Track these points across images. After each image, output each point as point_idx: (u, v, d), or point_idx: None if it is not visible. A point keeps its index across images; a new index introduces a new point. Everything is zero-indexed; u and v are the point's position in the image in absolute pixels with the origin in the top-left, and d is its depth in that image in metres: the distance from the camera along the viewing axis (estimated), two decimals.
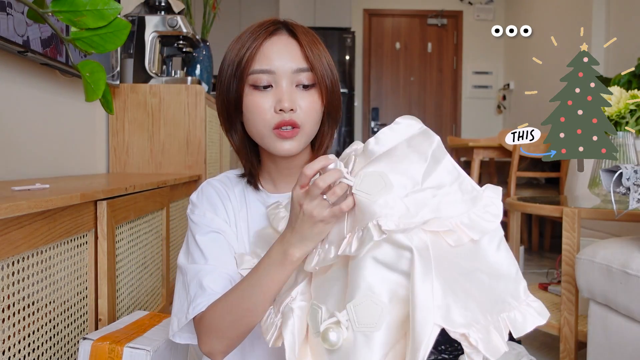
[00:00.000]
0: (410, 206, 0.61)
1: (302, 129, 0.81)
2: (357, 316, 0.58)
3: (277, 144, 0.81)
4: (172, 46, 2.37)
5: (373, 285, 0.59)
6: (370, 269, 0.59)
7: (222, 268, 0.81)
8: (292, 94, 0.80)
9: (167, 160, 2.11)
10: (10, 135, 1.43)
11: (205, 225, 0.86)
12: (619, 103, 1.62)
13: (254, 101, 0.80)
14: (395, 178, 0.61)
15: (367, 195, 0.60)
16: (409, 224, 0.58)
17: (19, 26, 1.28)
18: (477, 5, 5.65)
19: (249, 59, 0.79)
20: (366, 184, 0.61)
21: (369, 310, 0.58)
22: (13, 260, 0.81)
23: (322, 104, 0.83)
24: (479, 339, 0.56)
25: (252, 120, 0.81)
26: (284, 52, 0.80)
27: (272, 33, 0.81)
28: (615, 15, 3.67)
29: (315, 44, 0.82)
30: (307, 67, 0.80)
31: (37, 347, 0.90)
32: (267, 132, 0.80)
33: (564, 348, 1.61)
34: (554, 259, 3.22)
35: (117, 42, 0.66)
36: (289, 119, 0.79)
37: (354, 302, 0.59)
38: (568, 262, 1.59)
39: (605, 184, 1.26)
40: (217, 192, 0.90)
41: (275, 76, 0.79)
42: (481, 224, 0.63)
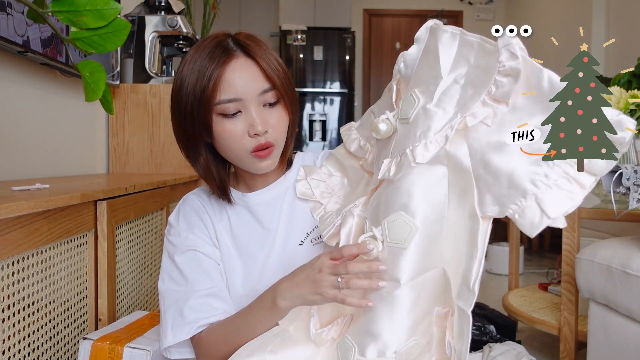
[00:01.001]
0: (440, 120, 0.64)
1: (275, 146, 0.82)
2: (390, 232, 0.64)
3: (256, 165, 0.82)
4: (172, 46, 2.37)
5: (407, 205, 0.64)
6: (406, 191, 0.65)
7: (201, 288, 0.83)
8: (262, 115, 0.80)
9: (167, 160, 2.11)
10: (10, 135, 1.43)
11: (181, 244, 0.87)
12: (619, 103, 1.62)
13: (227, 129, 0.79)
14: (426, 92, 0.66)
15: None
16: (438, 149, 0.63)
17: (19, 26, 1.28)
18: (477, 5, 5.65)
19: (213, 89, 0.77)
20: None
21: (400, 228, 0.63)
22: (13, 260, 0.81)
23: (288, 116, 0.84)
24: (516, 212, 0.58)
25: (228, 147, 0.81)
26: (245, 76, 0.78)
27: (229, 57, 0.79)
28: (615, 15, 3.67)
29: (267, 53, 0.81)
30: (270, 87, 0.80)
31: (37, 347, 0.90)
32: (245, 155, 0.81)
33: (564, 348, 1.61)
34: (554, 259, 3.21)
35: (117, 42, 0.66)
36: (265, 142, 0.80)
37: (388, 219, 0.65)
38: (568, 262, 1.59)
39: (605, 184, 1.26)
40: (193, 208, 0.91)
41: (244, 102, 0.79)
42: (505, 85, 0.60)
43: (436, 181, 0.65)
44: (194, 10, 2.86)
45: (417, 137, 0.65)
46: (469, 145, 0.63)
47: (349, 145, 0.87)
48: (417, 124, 0.66)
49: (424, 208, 0.64)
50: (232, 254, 0.88)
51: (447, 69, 0.64)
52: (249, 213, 0.89)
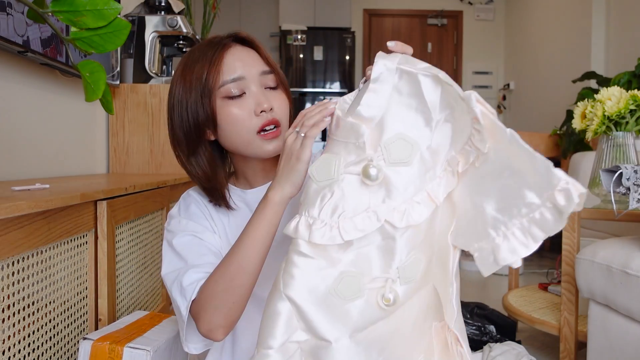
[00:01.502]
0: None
1: (282, 127, 0.83)
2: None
3: (263, 147, 0.82)
4: (172, 46, 2.37)
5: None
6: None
7: (201, 263, 0.81)
8: (266, 94, 0.82)
9: (167, 161, 2.11)
10: (10, 135, 1.43)
11: (181, 230, 0.86)
12: (619, 103, 1.62)
13: (232, 112, 0.80)
14: (410, 125, 0.64)
15: (403, 163, 0.63)
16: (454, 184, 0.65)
17: (19, 26, 1.28)
18: (477, 5, 5.65)
19: (215, 74, 0.79)
20: (393, 152, 0.63)
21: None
22: (13, 260, 0.81)
23: (289, 103, 0.86)
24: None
25: (234, 131, 0.81)
26: (246, 58, 0.82)
27: (225, 46, 0.82)
28: (615, 15, 3.67)
29: (264, 49, 0.86)
30: (270, 70, 0.83)
31: (37, 347, 0.90)
32: (252, 137, 0.81)
33: (564, 348, 1.61)
34: (554, 259, 3.21)
35: (117, 42, 0.66)
36: (272, 118, 0.81)
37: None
38: (568, 262, 1.59)
39: (605, 184, 1.26)
40: (194, 202, 0.91)
41: (246, 81, 0.81)
42: (482, 131, 0.61)
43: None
44: (194, 10, 2.86)
45: (426, 178, 0.64)
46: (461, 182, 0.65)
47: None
48: (423, 166, 0.64)
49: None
50: (224, 246, 0.88)
51: (437, 110, 0.63)
52: (247, 209, 0.90)
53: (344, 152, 0.64)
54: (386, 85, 0.64)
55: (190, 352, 0.82)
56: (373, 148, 0.63)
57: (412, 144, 0.62)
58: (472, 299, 2.18)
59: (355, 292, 0.63)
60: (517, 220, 0.59)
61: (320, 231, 0.62)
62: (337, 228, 0.62)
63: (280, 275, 0.65)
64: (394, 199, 0.62)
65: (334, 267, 0.63)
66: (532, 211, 0.57)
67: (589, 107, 1.74)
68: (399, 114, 0.64)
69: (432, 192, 0.63)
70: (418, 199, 0.63)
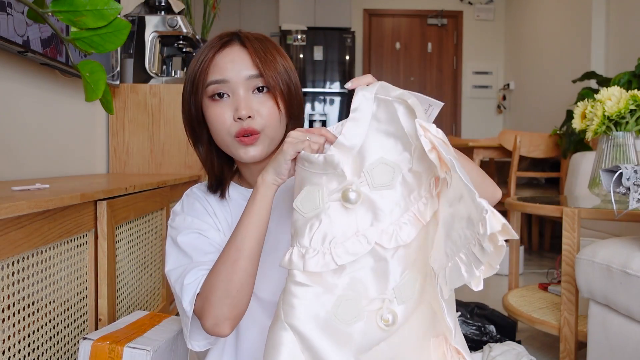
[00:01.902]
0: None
1: (262, 133, 0.83)
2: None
3: (240, 151, 0.83)
4: (172, 46, 2.37)
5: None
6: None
7: (204, 260, 0.81)
8: (249, 100, 0.82)
9: (167, 160, 2.11)
10: (10, 135, 1.43)
11: (186, 227, 0.87)
12: (619, 103, 1.62)
13: (214, 112, 0.82)
14: (390, 150, 0.66)
15: (386, 186, 0.64)
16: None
17: (19, 26, 1.28)
18: (477, 5, 5.65)
19: (203, 72, 0.82)
20: (376, 177, 0.65)
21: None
22: (13, 260, 0.81)
23: (280, 107, 0.84)
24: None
25: (215, 131, 0.84)
26: (235, 61, 0.82)
27: (223, 45, 0.83)
28: (615, 15, 3.67)
29: (268, 51, 0.84)
30: (258, 73, 0.82)
31: (37, 347, 0.90)
32: (230, 140, 0.83)
33: (564, 348, 1.61)
34: (554, 259, 3.22)
35: (117, 42, 0.66)
36: (247, 127, 0.81)
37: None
38: (568, 262, 1.60)
39: (605, 184, 1.26)
40: (197, 199, 0.92)
41: (230, 85, 0.81)
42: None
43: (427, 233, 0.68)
44: (194, 10, 2.86)
45: (410, 200, 0.66)
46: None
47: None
48: (406, 188, 0.66)
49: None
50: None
51: (414, 134, 0.64)
52: None
53: (326, 181, 0.65)
54: (365, 114, 0.67)
55: (193, 349, 0.82)
56: (356, 174, 0.65)
57: (394, 168, 0.65)
58: (472, 299, 2.18)
59: (355, 315, 0.65)
60: (463, 246, 0.60)
61: (313, 259, 0.64)
62: (329, 254, 0.63)
63: (280, 306, 0.66)
64: (382, 222, 0.64)
65: (331, 292, 0.65)
66: (471, 244, 0.58)
67: (589, 107, 1.74)
68: (379, 141, 0.66)
69: (418, 212, 0.66)
70: (405, 219, 0.65)
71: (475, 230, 0.56)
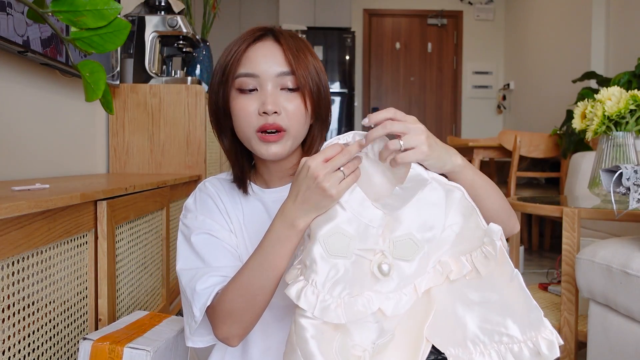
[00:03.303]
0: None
1: (287, 132, 0.82)
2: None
3: (261, 148, 0.82)
4: (172, 46, 2.37)
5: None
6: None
7: (217, 266, 0.82)
8: (276, 97, 0.81)
9: (167, 160, 2.11)
10: (10, 135, 1.43)
11: (198, 227, 0.87)
12: (619, 103, 1.62)
13: (240, 104, 0.82)
14: (422, 225, 0.69)
15: (406, 260, 0.68)
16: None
17: (19, 26, 1.28)
18: (477, 5, 5.65)
19: (234, 64, 0.82)
20: (399, 249, 0.67)
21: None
22: (13, 260, 0.81)
23: (308, 107, 0.84)
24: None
25: (238, 123, 0.83)
26: (268, 56, 0.82)
27: (257, 39, 0.83)
28: (615, 15, 3.67)
29: (301, 49, 0.83)
30: (289, 71, 0.81)
31: (37, 347, 0.90)
32: (252, 134, 0.82)
33: (564, 348, 1.61)
34: (554, 259, 3.21)
35: (117, 42, 0.66)
36: (273, 122, 0.80)
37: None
38: (568, 262, 1.59)
39: (605, 184, 1.26)
40: (210, 195, 0.91)
41: (260, 79, 0.81)
42: (489, 256, 0.68)
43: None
44: (194, 10, 2.86)
45: (418, 272, 0.69)
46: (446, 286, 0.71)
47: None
48: (422, 263, 0.69)
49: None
50: (240, 243, 0.88)
51: (449, 215, 0.69)
52: (262, 207, 0.90)
53: (362, 233, 0.67)
54: (414, 190, 0.68)
55: (195, 346, 0.83)
56: (382, 238, 0.68)
57: (419, 246, 0.67)
58: None
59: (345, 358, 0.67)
60: (496, 344, 0.66)
61: (326, 308, 0.65)
62: (341, 308, 0.65)
63: (293, 339, 0.67)
64: (386, 288, 0.67)
65: (337, 329, 0.68)
66: (513, 343, 0.65)
67: (589, 107, 1.74)
68: (417, 212, 0.68)
69: (418, 285, 0.69)
70: (406, 291, 0.68)
71: (525, 338, 0.65)
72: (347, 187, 0.67)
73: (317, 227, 0.68)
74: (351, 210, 0.67)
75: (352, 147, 0.67)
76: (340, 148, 0.67)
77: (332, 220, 0.67)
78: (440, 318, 0.69)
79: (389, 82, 5.70)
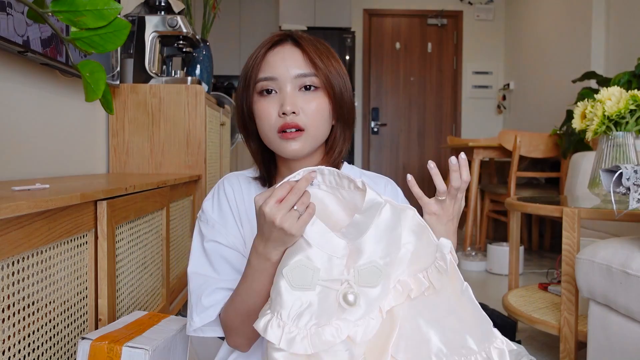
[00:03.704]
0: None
1: (306, 131, 0.84)
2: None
3: (282, 146, 0.85)
4: (172, 46, 2.37)
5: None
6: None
7: (224, 279, 0.87)
8: (295, 97, 0.84)
9: (167, 160, 2.11)
10: (10, 135, 1.43)
11: (212, 236, 0.90)
12: (618, 103, 1.62)
13: (261, 107, 0.85)
14: (382, 252, 0.70)
15: (371, 286, 0.69)
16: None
17: (19, 26, 1.28)
18: (477, 5, 5.65)
19: (254, 69, 0.85)
20: (364, 277, 0.69)
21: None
22: (13, 260, 0.81)
23: (328, 107, 0.86)
24: None
25: (261, 125, 0.86)
26: (286, 59, 0.85)
27: (275, 43, 0.86)
28: (615, 15, 3.67)
29: (321, 51, 0.86)
30: (309, 72, 0.84)
31: (37, 347, 0.90)
32: (273, 135, 0.85)
33: (564, 348, 1.61)
34: (554, 259, 3.22)
35: (117, 42, 0.66)
36: (291, 122, 0.83)
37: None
38: (568, 262, 1.60)
39: (605, 184, 1.26)
40: (227, 198, 0.93)
41: (279, 82, 0.84)
42: (442, 271, 0.71)
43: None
44: (194, 10, 2.86)
45: (382, 295, 0.71)
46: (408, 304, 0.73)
47: None
48: (385, 286, 0.71)
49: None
50: (247, 239, 0.91)
51: (402, 236, 0.71)
52: None
53: (326, 264, 0.68)
54: (372, 215, 0.69)
55: (196, 335, 0.88)
56: (347, 267, 0.70)
57: (382, 271, 0.69)
58: None
59: None
60: (457, 357, 0.70)
61: (292, 339, 0.66)
62: (308, 338, 0.66)
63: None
64: (354, 315, 0.69)
65: (309, 358, 0.69)
66: (470, 354, 0.69)
67: (589, 107, 1.74)
68: (376, 238, 0.70)
69: (382, 307, 0.71)
70: (373, 315, 0.70)
71: (479, 349, 0.68)
72: (306, 223, 0.68)
73: (283, 261, 0.70)
74: (314, 243, 0.68)
75: (300, 183, 0.69)
76: (289, 187, 0.69)
77: (297, 254, 0.68)
78: (404, 335, 0.72)
79: (389, 82, 5.69)
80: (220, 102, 2.73)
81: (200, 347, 1.31)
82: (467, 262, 3.33)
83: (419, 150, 5.69)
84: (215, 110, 2.43)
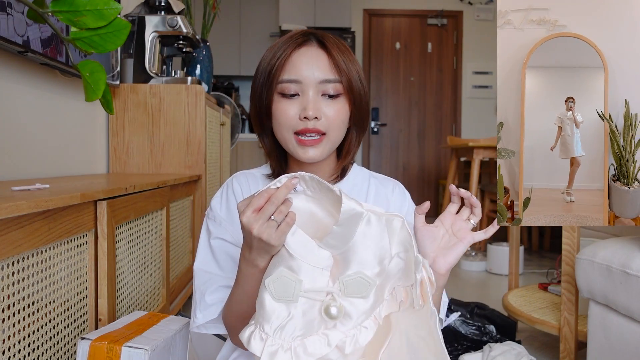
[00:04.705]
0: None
1: (327, 136, 0.85)
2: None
3: (299, 151, 0.85)
4: (172, 46, 2.37)
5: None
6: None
7: (229, 277, 0.87)
8: (317, 102, 0.83)
9: (167, 160, 2.11)
10: (10, 135, 1.43)
11: (219, 234, 0.90)
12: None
13: (281, 108, 0.84)
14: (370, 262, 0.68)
15: (360, 297, 0.67)
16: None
17: (19, 26, 1.28)
18: (477, 5, 5.65)
19: (278, 69, 0.84)
20: (351, 288, 0.67)
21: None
22: (13, 260, 0.81)
23: (348, 112, 0.86)
24: None
25: (278, 125, 0.86)
26: (312, 62, 0.83)
27: (301, 44, 0.85)
28: None
29: (346, 55, 0.85)
30: (333, 78, 0.83)
31: (37, 347, 0.90)
32: (290, 137, 0.85)
33: (564, 348, 1.61)
34: (554, 259, 3.21)
35: (117, 42, 0.66)
36: (313, 127, 0.83)
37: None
38: (568, 262, 1.60)
39: None
40: (235, 195, 0.93)
41: (302, 85, 0.83)
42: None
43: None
44: (194, 10, 2.86)
45: (376, 305, 0.69)
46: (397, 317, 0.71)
47: None
48: (376, 296, 0.69)
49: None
50: None
51: (391, 246, 0.68)
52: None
53: (310, 275, 0.66)
54: (352, 226, 0.67)
55: (199, 331, 0.89)
56: (332, 278, 0.67)
57: (370, 283, 0.67)
58: (472, 299, 2.18)
59: None
60: None
61: (274, 352, 0.65)
62: (291, 351, 0.65)
63: None
64: (345, 325, 0.67)
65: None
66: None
67: None
68: (364, 249, 0.67)
69: (377, 314, 0.69)
70: (366, 324, 0.68)
71: None
72: (285, 233, 0.67)
73: (268, 270, 0.69)
74: (295, 254, 0.67)
75: (279, 192, 0.67)
76: (267, 195, 0.67)
77: (279, 265, 0.67)
78: (395, 345, 0.70)
79: (389, 82, 5.69)
80: (220, 102, 2.73)
81: (200, 347, 1.31)
82: (467, 262, 3.33)
83: (419, 150, 5.69)
84: (215, 110, 2.44)
